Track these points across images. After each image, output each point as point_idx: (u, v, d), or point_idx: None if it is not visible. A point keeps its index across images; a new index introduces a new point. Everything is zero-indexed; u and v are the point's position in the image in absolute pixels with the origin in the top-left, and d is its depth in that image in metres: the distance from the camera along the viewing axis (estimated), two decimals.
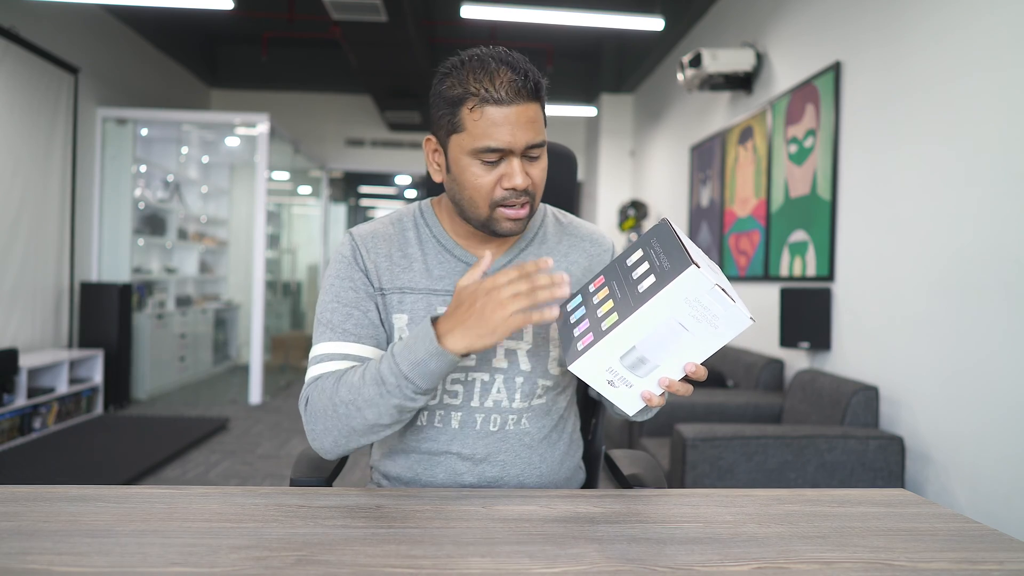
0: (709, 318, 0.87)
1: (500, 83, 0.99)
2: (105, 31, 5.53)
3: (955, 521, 0.96)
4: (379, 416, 0.98)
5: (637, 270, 0.92)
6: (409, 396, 0.96)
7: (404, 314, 1.11)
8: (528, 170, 1.04)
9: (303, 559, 0.76)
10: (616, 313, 0.89)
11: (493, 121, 0.99)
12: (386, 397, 0.96)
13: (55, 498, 0.94)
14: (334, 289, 1.11)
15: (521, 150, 1.02)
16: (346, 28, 5.07)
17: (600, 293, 0.95)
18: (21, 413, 4.11)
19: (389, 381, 0.96)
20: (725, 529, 0.90)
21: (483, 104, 0.99)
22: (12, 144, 4.36)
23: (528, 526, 0.88)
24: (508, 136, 0.99)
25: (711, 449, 2.49)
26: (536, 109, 1.02)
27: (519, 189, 1.02)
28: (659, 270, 0.88)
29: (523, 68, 1.01)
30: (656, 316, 0.86)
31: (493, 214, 1.05)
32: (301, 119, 7.75)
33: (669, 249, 0.89)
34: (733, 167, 4.42)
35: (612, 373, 0.91)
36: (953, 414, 2.42)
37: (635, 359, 0.90)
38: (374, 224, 1.17)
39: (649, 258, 0.91)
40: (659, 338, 0.88)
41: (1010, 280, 2.19)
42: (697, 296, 0.85)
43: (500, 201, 1.04)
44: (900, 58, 2.77)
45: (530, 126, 1.01)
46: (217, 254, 7.63)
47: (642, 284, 0.89)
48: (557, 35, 6.29)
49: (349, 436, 1.01)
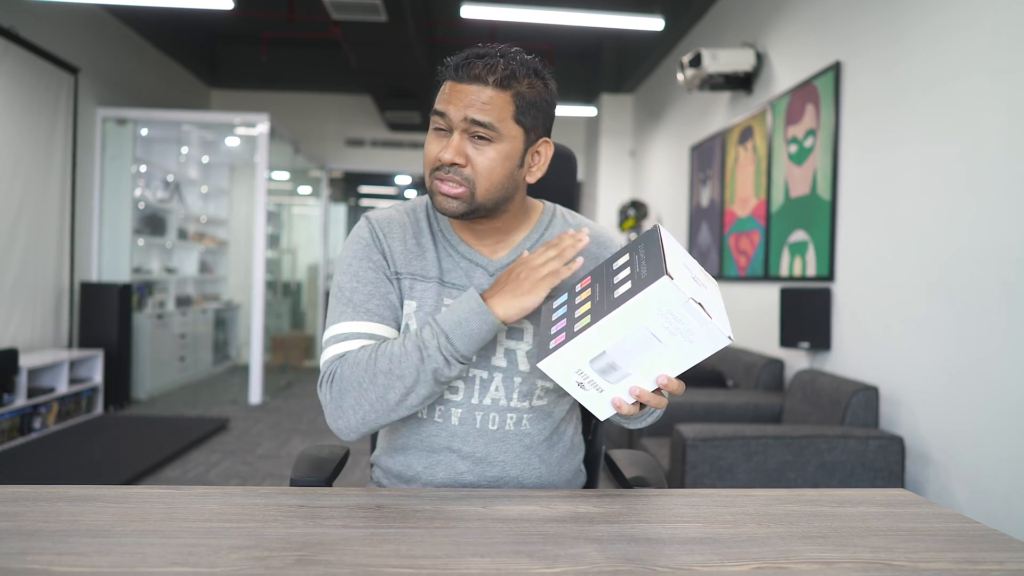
0: (683, 331, 0.85)
1: (463, 63, 1.04)
2: (105, 31, 5.53)
3: (955, 521, 0.96)
4: (416, 383, 1.00)
5: (619, 275, 0.90)
6: (447, 360, 1.00)
7: (414, 301, 1.12)
8: (469, 152, 1.04)
9: (303, 559, 0.76)
10: (590, 316, 0.88)
11: (444, 91, 1.06)
12: (427, 362, 0.99)
13: (55, 498, 0.94)
14: (352, 269, 1.11)
15: (459, 123, 1.03)
16: (346, 28, 5.07)
17: (583, 294, 0.94)
18: (21, 413, 4.11)
19: (430, 344, 1.00)
20: (725, 529, 0.90)
21: (446, 79, 1.06)
22: (12, 144, 4.36)
23: (528, 526, 0.88)
24: (448, 104, 1.04)
25: (711, 449, 2.49)
26: (494, 95, 1.03)
27: (444, 162, 1.04)
28: (636, 277, 0.86)
29: (494, 58, 1.04)
30: (626, 323, 0.85)
31: (432, 184, 1.07)
32: (301, 119, 7.75)
33: (651, 256, 0.87)
34: (733, 167, 4.42)
35: (582, 375, 0.89)
36: (953, 414, 2.42)
37: (605, 364, 0.88)
38: (389, 211, 1.19)
39: (632, 264, 0.90)
40: (630, 346, 0.86)
41: (1010, 280, 2.19)
42: (670, 308, 0.83)
43: (434, 171, 1.06)
44: (900, 58, 2.77)
45: (475, 104, 1.03)
46: (217, 254, 7.62)
47: (619, 289, 0.87)
48: (557, 35, 6.29)
49: (380, 410, 1.02)
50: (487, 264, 1.14)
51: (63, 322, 5.00)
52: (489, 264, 1.14)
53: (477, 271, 1.14)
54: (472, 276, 1.13)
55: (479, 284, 1.13)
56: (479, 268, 1.14)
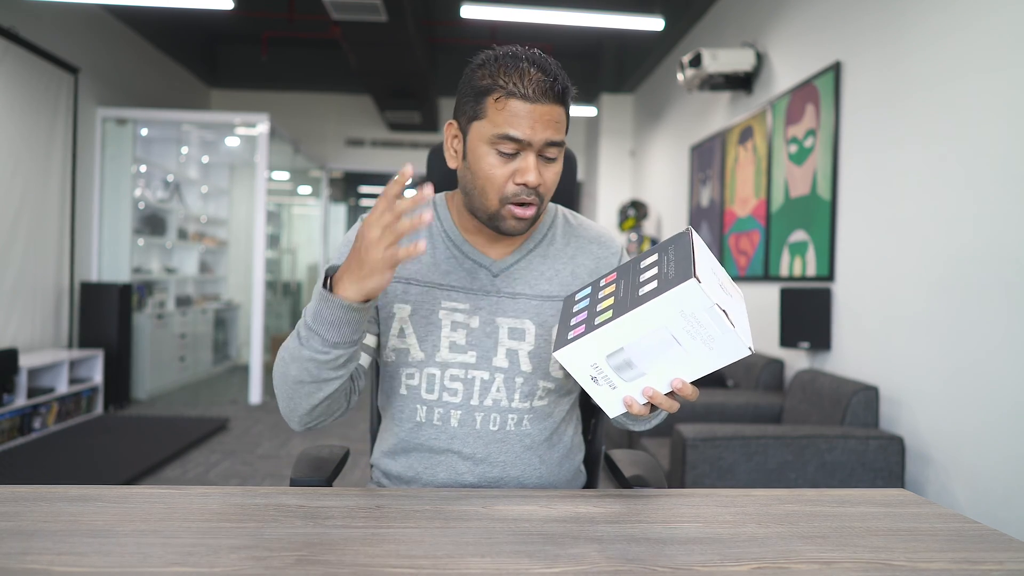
0: (704, 337, 0.84)
1: (528, 80, 1.01)
2: (105, 31, 5.53)
3: (955, 521, 0.96)
4: (300, 372, 0.98)
5: (646, 273, 0.90)
6: (318, 348, 0.96)
7: (408, 304, 1.12)
8: (542, 170, 1.04)
9: (303, 559, 0.76)
10: (612, 311, 0.88)
11: (515, 113, 1.01)
12: (301, 350, 0.97)
13: (55, 498, 0.94)
14: None
15: (539, 146, 1.03)
16: (346, 28, 5.07)
17: (607, 289, 0.94)
18: (21, 413, 4.11)
19: (302, 333, 0.97)
20: (725, 529, 0.90)
21: (509, 97, 1.01)
22: (12, 144, 4.36)
23: (528, 526, 0.88)
24: (528, 129, 1.01)
25: (711, 449, 2.49)
26: (560, 112, 1.04)
27: (531, 186, 1.03)
28: (663, 277, 0.86)
29: (553, 71, 1.03)
30: (648, 322, 0.85)
31: (501, 210, 1.05)
32: (301, 119, 7.75)
33: (680, 259, 0.87)
34: (733, 167, 4.42)
35: (596, 369, 0.89)
36: (953, 414, 2.42)
37: (622, 361, 0.88)
38: None
39: (660, 263, 0.89)
40: (649, 345, 0.86)
41: (1010, 280, 2.19)
42: (694, 311, 0.83)
43: (510, 197, 1.04)
44: (900, 58, 2.77)
45: (551, 125, 1.02)
46: (217, 254, 7.62)
47: (644, 288, 0.87)
48: (557, 35, 6.28)
49: (289, 400, 1.02)
50: (491, 265, 1.14)
51: (63, 322, 5.00)
52: (493, 265, 1.14)
53: (481, 272, 1.14)
54: (476, 276, 1.13)
55: (482, 285, 1.13)
56: (483, 269, 1.14)
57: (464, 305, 1.12)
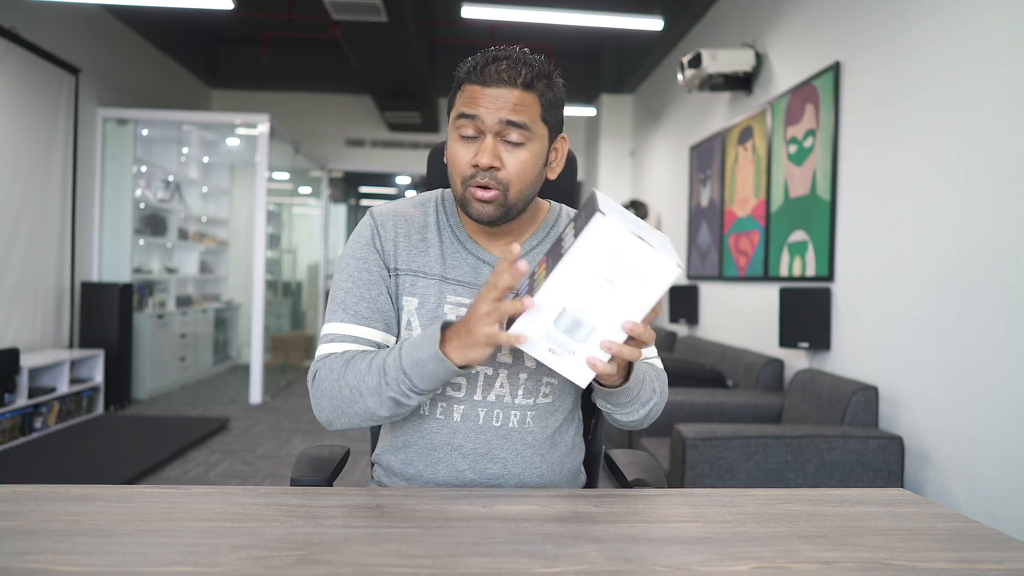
0: (632, 268, 0.86)
1: (488, 68, 1.05)
2: (105, 31, 5.53)
3: (954, 521, 0.96)
4: (378, 405, 1.02)
5: (565, 240, 0.92)
6: (404, 393, 1.00)
7: (415, 297, 1.13)
8: (502, 155, 1.05)
9: (303, 559, 0.76)
10: (545, 279, 0.89)
11: (471, 95, 1.05)
12: (384, 389, 1.00)
13: (56, 498, 0.94)
14: (349, 269, 1.14)
15: (494, 126, 1.04)
16: (346, 28, 5.07)
17: (540, 270, 0.96)
18: (22, 413, 4.11)
19: (390, 374, 1.00)
20: (725, 529, 0.90)
21: (467, 82, 1.06)
22: (13, 144, 4.36)
23: (528, 526, 0.89)
24: (481, 108, 1.04)
25: (711, 449, 2.49)
26: (520, 96, 1.05)
27: (482, 167, 1.04)
28: (577, 230, 0.88)
29: (519, 60, 1.06)
30: (576, 271, 0.86)
31: (465, 193, 1.08)
32: (301, 119, 7.75)
33: (588, 212, 0.89)
34: (733, 167, 4.43)
35: (551, 340, 0.90)
36: (953, 414, 2.43)
37: (569, 321, 0.89)
38: (397, 204, 1.20)
39: (575, 225, 0.92)
40: (586, 295, 0.88)
41: (1010, 280, 2.19)
42: (614, 247, 0.85)
43: (469, 179, 1.06)
44: (900, 58, 2.77)
45: (507, 106, 1.04)
46: (217, 254, 7.63)
47: (564, 246, 0.89)
48: (557, 35, 6.28)
49: (350, 417, 1.06)
50: (494, 262, 1.14)
51: (64, 322, 5.00)
52: (496, 261, 1.14)
53: (484, 268, 1.14)
54: (479, 273, 1.14)
55: (486, 280, 1.13)
56: (486, 266, 1.14)
57: (468, 300, 1.12)
